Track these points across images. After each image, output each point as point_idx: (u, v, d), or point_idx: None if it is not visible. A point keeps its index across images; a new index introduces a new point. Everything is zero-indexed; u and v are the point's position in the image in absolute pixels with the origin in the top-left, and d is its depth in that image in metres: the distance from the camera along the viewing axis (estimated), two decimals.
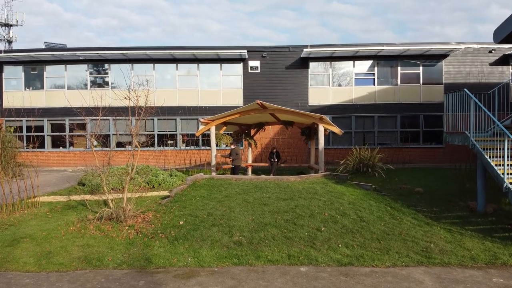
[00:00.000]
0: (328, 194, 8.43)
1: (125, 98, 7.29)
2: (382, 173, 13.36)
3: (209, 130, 13.13)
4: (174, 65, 19.18)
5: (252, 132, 15.38)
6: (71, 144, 19.72)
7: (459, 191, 10.41)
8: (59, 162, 19.66)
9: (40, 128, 19.61)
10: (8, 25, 47.91)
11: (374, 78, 19.22)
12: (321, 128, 11.83)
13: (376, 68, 19.21)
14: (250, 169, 14.95)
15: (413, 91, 19.20)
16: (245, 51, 17.91)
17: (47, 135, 19.73)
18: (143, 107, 7.87)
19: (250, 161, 15.34)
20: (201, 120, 12.88)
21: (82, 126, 19.61)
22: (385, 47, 18.11)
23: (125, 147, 19.45)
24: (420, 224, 7.06)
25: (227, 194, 8.46)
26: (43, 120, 19.53)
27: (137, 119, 7.85)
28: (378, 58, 19.10)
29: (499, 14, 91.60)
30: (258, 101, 11.81)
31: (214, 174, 12.83)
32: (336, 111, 18.78)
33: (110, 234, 6.47)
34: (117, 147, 19.41)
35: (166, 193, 10.14)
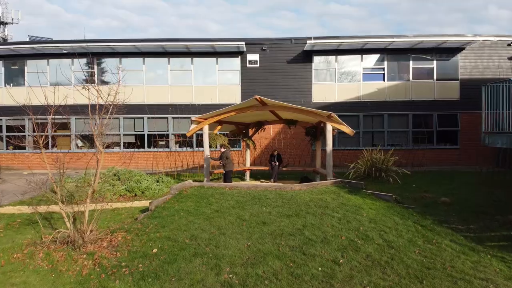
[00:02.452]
0: (342, 208, 6.86)
1: (83, 88, 5.76)
2: (397, 179, 11.81)
3: (201, 129, 11.57)
4: (166, 59, 17.59)
5: (251, 132, 13.82)
6: (54, 145, 18.16)
7: (490, 201, 8.90)
8: (42, 164, 18.04)
9: (21, 128, 18.05)
10: (3, 23, 46.32)
11: (383, 73, 17.64)
12: (329, 128, 10.28)
13: (386, 63, 17.63)
14: (248, 173, 13.39)
15: (426, 87, 17.62)
16: (243, 43, 16.34)
17: (28, 135, 18.13)
18: (110, 103, 6.31)
19: (248, 164, 13.77)
20: (193, 119, 11.32)
21: (64, 125, 18.09)
22: (396, 39, 16.54)
23: (112, 148, 17.88)
24: (464, 250, 5.49)
25: (217, 208, 6.89)
26: (24, 119, 17.96)
27: (103, 118, 6.30)
28: (388, 52, 17.52)
29: (497, 15, 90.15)
30: (257, 97, 10.26)
31: (206, 180, 11.29)
32: (342, 109, 17.16)
33: (59, 267, 4.90)
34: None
35: (148, 203, 8.57)
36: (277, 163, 12.67)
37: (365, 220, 6.32)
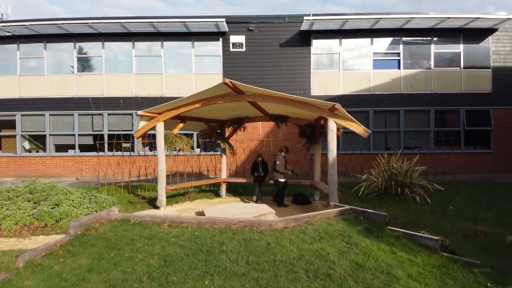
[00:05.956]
0: (359, 280, 3.58)
1: None
2: (425, 196, 8.55)
3: (154, 128, 8.33)
4: (130, 43, 14.33)
5: (227, 132, 10.55)
6: None
7: None
8: None
9: None
10: None
11: (399, 60, 14.35)
12: (332, 126, 7.00)
13: (401, 46, 14.33)
14: (224, 187, 10.10)
15: (451, 77, 14.32)
16: (224, 20, 13.03)
17: None
18: None
19: (224, 175, 10.44)
20: (139, 113, 8.05)
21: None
22: (414, 16, 13.24)
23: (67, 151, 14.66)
24: None
25: (121, 278, 3.62)
26: None
27: None
28: (405, 33, 14.23)
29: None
30: (227, 80, 7.01)
31: (158, 202, 8.08)
32: (348, 104, 13.80)
33: None
34: (56, 151, 14.65)
35: (59, 238, 5.29)
36: (262, 174, 9.41)
37: None
